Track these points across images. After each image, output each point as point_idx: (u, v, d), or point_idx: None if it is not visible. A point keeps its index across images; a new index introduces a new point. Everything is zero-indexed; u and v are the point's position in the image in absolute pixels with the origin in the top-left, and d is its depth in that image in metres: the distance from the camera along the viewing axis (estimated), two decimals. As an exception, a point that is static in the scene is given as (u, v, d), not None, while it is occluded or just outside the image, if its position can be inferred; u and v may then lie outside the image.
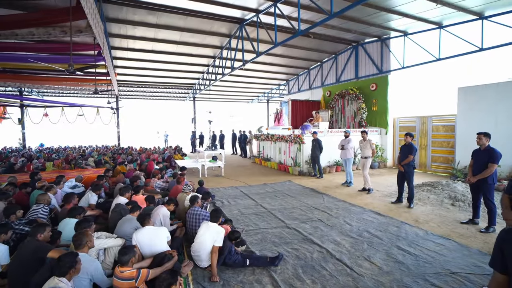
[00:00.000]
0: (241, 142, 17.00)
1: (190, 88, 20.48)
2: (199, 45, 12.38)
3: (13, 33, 6.32)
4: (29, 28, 6.45)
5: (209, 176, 10.46)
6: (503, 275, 1.30)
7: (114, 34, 10.81)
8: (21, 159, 11.77)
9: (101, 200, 5.56)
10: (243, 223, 5.24)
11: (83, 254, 2.60)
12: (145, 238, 3.25)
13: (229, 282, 3.22)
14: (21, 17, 5.89)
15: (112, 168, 8.79)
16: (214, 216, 3.63)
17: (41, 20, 6.14)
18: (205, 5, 8.93)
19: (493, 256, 1.37)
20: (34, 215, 4.27)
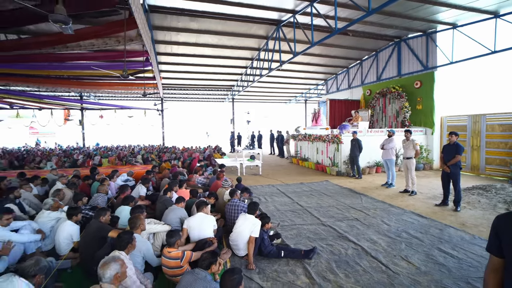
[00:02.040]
0: (279, 142, 17.15)
1: (229, 90, 21.13)
2: (238, 47, 12.80)
3: (78, 44, 7.21)
4: (90, 40, 7.33)
5: (247, 174, 10.77)
6: (499, 259, 1.38)
7: (159, 40, 11.65)
8: (81, 155, 13.21)
9: (149, 193, 6.12)
10: (279, 219, 5.40)
11: (137, 234, 2.98)
12: (196, 223, 3.60)
13: (264, 270, 3.41)
14: (86, 31, 6.70)
15: (158, 165, 9.52)
16: (251, 209, 3.86)
17: (100, 32, 6.93)
18: (243, 9, 9.28)
19: (489, 241, 1.43)
20: (95, 202, 4.89)
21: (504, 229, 1.35)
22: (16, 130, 28.05)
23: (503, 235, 1.35)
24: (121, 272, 2.09)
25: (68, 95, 19.09)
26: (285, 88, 21.30)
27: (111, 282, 2.02)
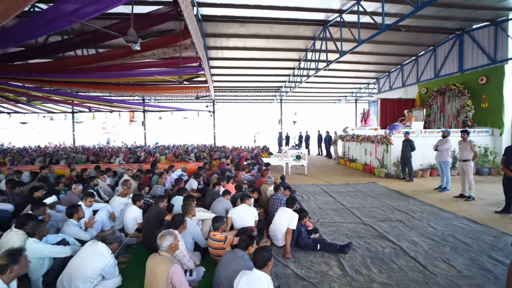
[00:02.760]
0: (326, 143, 16.95)
1: (277, 91, 21.48)
2: (285, 49, 13.07)
3: (142, 55, 8.23)
4: (152, 50, 8.30)
5: (292, 174, 10.97)
6: None
7: (211, 46, 12.51)
8: (143, 153, 14.80)
9: (200, 186, 6.76)
10: (320, 216, 5.55)
11: (188, 219, 3.48)
12: (239, 213, 4.04)
13: (300, 260, 3.66)
14: (149, 43, 7.64)
15: (209, 163, 10.28)
16: (290, 203, 4.13)
17: (160, 43, 7.83)
18: (289, 12, 9.54)
19: None
20: (154, 192, 5.65)
21: None
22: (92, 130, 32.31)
23: None
24: (175, 244, 2.55)
25: (133, 99, 21.41)
26: (334, 88, 20.89)
27: (167, 250, 2.50)
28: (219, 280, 2.67)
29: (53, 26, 4.96)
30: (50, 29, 5.51)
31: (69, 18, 4.35)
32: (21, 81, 10.19)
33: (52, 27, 5.10)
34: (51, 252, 3.01)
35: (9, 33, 5.17)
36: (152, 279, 2.44)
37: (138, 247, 4.09)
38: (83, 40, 7.43)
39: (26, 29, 4.99)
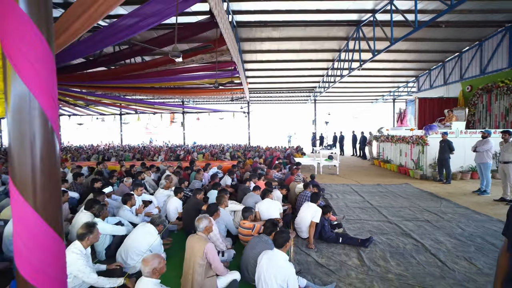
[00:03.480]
0: (361, 144, 16.69)
1: (312, 91, 21.49)
2: (318, 50, 13.19)
3: (182, 62, 9.00)
4: (191, 57, 9.04)
5: (324, 173, 11.11)
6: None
7: (246, 50, 13.05)
8: (183, 151, 15.86)
9: (233, 183, 7.28)
10: (346, 213, 5.74)
11: (222, 208, 3.97)
12: (264, 206, 4.44)
13: (322, 250, 3.96)
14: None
15: (243, 161, 10.83)
16: (314, 198, 4.44)
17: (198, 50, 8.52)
18: (322, 15, 9.72)
19: (505, 226, 1.64)
20: (193, 186, 6.27)
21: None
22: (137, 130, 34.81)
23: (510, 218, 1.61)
24: (209, 226, 3.03)
25: (173, 101, 22.84)
26: (370, 87, 20.38)
27: (203, 231, 2.99)
28: (246, 261, 3.11)
29: (114, 39, 5.76)
30: (111, 42, 6.37)
31: (127, 33, 5.09)
32: (79, 87, 11.61)
33: (113, 40, 5.92)
34: (112, 231, 3.68)
35: (77, 48, 6.11)
36: (191, 255, 2.94)
37: (178, 232, 4.69)
38: (133, 51, 8.37)
39: (92, 43, 5.86)
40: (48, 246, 1.22)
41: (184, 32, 7.29)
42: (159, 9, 4.75)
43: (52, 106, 1.26)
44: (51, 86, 1.26)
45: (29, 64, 1.19)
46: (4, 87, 1.22)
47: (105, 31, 5.40)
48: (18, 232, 1.19)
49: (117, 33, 5.30)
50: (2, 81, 1.47)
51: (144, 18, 4.93)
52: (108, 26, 5.48)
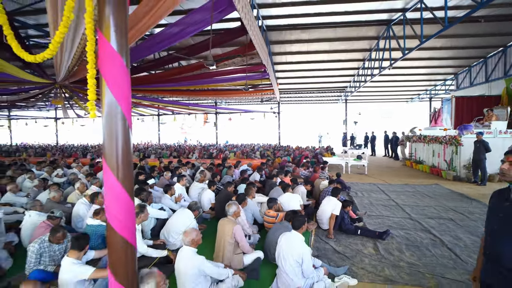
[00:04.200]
0: (392, 144, 16.33)
1: (342, 91, 21.33)
2: (348, 50, 13.22)
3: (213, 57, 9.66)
4: (223, 62, 9.67)
5: (352, 173, 11.19)
6: None
7: (275, 52, 13.47)
8: (215, 150, 16.70)
9: (262, 179, 7.76)
10: (369, 210, 5.95)
11: (249, 199, 4.46)
12: (285, 199, 4.86)
13: (340, 240, 4.29)
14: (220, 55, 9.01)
15: (272, 160, 11.29)
16: (334, 193, 4.78)
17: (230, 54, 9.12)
18: (351, 16, 9.84)
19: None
20: (224, 181, 6.84)
21: (490, 200, 1.94)
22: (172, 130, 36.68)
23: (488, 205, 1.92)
24: (237, 211, 3.53)
25: (206, 103, 23.90)
26: (404, 86, 19.74)
27: (232, 215, 3.50)
28: (269, 243, 3.56)
29: (160, 46, 6.50)
30: (157, 49, 7.15)
31: (171, 40, 5.79)
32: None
33: (159, 47, 6.67)
34: (156, 214, 4.33)
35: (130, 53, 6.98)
36: (222, 235, 3.46)
37: (211, 220, 5.26)
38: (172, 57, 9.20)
39: (142, 49, 6.65)
40: (125, 205, 1.78)
41: (218, 39, 7.91)
42: (196, 20, 5.35)
43: (128, 110, 1.82)
44: (128, 96, 1.82)
45: (115, 82, 1.75)
46: (101, 99, 1.79)
47: (153, 39, 6.12)
48: (108, 195, 1.76)
49: (163, 41, 5.99)
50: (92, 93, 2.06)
51: (185, 28, 5.58)
52: (155, 34, 6.21)
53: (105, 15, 1.70)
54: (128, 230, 1.81)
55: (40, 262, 3.10)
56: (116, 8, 1.72)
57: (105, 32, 1.73)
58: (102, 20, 1.71)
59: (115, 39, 1.74)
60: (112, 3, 1.70)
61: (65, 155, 16.05)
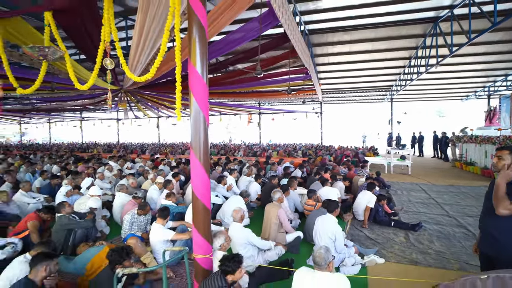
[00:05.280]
0: (441, 145, 15.61)
1: (388, 90, 20.75)
2: (392, 49, 13.06)
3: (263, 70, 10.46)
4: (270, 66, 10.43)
5: (394, 173, 11.16)
6: None
7: (317, 54, 13.83)
8: (259, 149, 17.57)
9: (303, 175, 8.35)
10: (406, 206, 6.19)
11: (291, 190, 5.11)
12: (324, 192, 5.42)
13: (374, 230, 4.73)
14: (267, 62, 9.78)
15: (313, 158, 11.76)
16: (369, 187, 5.20)
17: (275, 60, 9.85)
18: (394, 16, 9.90)
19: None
20: (269, 175, 7.57)
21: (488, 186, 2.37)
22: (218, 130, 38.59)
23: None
24: (281, 197, 4.22)
25: (250, 104, 24.93)
26: (457, 83, 18.55)
27: (277, 201, 4.19)
28: (308, 225, 4.18)
29: (220, 52, 7.43)
30: (217, 54, 8.12)
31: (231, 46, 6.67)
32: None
33: (219, 53, 7.62)
34: (213, 200, 5.20)
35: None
36: (268, 217, 4.17)
37: (258, 209, 6.02)
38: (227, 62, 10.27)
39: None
40: (204, 180, 2.59)
41: (264, 47, 8.67)
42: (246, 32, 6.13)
43: (207, 115, 2.63)
44: (206, 105, 2.63)
45: (198, 95, 2.57)
46: (189, 106, 2.62)
47: (216, 45, 7.03)
48: (193, 173, 2.59)
49: (220, 48, 6.90)
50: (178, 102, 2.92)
51: (237, 39, 6.41)
52: (218, 40, 7.08)
53: (195, 49, 2.54)
54: (205, 198, 2.63)
55: (132, 229, 4.12)
56: (201, 44, 2.55)
57: (193, 60, 2.58)
58: (192, 52, 2.54)
59: (199, 65, 2.58)
60: (199, 41, 2.52)
61: (128, 151, 18.22)
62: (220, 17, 4.48)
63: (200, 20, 2.53)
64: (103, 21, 3.27)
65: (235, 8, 4.23)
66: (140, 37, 4.57)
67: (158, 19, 3.81)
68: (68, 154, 14.53)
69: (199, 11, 2.51)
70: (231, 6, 4.19)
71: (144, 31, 4.34)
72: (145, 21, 4.00)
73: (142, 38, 4.61)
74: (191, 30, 2.56)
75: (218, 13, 4.36)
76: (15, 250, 3.24)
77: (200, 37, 2.54)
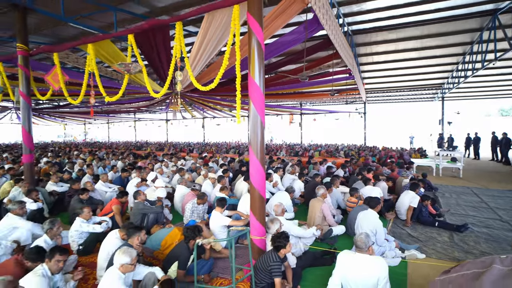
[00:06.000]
0: (502, 147, 14.38)
1: (439, 88, 19.57)
2: (443, 46, 12.46)
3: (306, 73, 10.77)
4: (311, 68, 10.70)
5: (444, 175, 10.69)
6: None
7: (361, 54, 13.68)
8: (301, 149, 17.81)
9: (346, 175, 8.51)
10: (454, 209, 6.09)
11: (334, 188, 5.42)
12: (366, 191, 5.62)
13: (416, 228, 4.84)
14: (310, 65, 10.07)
15: (356, 159, 11.75)
16: (412, 188, 5.30)
17: (318, 63, 10.10)
18: (445, 12, 9.52)
19: None
20: (311, 174, 7.90)
21: None
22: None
23: None
24: (325, 193, 4.58)
25: (292, 104, 25.18)
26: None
27: (320, 196, 4.55)
28: (350, 220, 4.48)
29: (268, 57, 7.95)
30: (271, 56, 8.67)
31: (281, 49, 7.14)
32: (227, 96, 15.15)
33: (267, 57, 8.15)
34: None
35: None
36: (312, 211, 4.55)
37: (301, 205, 6.41)
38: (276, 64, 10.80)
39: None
40: (260, 173, 3.09)
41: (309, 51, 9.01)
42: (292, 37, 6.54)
43: (263, 119, 3.12)
44: (263, 110, 3.12)
45: (256, 102, 3.07)
46: (248, 111, 3.13)
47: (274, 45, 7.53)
48: (252, 167, 3.11)
49: (271, 52, 7.40)
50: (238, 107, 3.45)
51: (284, 44, 6.85)
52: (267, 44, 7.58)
53: (254, 64, 3.05)
54: (261, 188, 3.12)
55: (192, 216, 4.79)
56: (259, 61, 3.05)
57: (252, 74, 3.09)
58: (251, 67, 3.06)
59: (257, 78, 3.08)
60: (257, 58, 3.02)
61: (177, 150, 19.69)
62: (272, 23, 4.92)
63: (259, 39, 3.03)
64: (175, 40, 3.95)
65: (287, 13, 4.63)
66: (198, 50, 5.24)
67: (217, 36, 4.40)
68: (128, 152, 16.23)
69: (258, 32, 3.01)
70: (284, 12, 4.59)
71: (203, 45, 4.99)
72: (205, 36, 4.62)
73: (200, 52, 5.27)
74: (251, 48, 3.08)
75: (271, 19, 4.81)
76: (108, 226, 4.07)
77: (259, 55, 3.04)
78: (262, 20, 3.16)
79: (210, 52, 5.36)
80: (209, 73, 7.45)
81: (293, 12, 4.67)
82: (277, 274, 2.66)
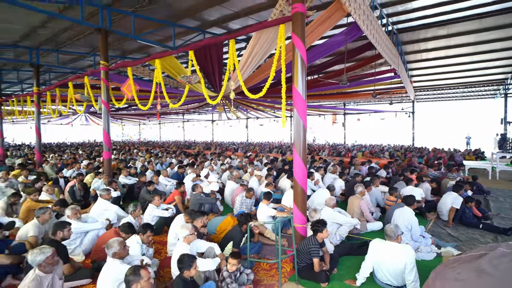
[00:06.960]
0: None
1: (501, 84, 17.93)
2: (503, 39, 11.57)
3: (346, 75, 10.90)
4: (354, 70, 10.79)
5: (502, 179, 10.03)
6: None
7: (408, 52, 13.23)
8: (344, 149, 17.71)
9: (388, 176, 8.54)
10: (506, 213, 5.89)
11: (373, 187, 5.66)
12: (407, 191, 5.73)
13: (458, 229, 4.90)
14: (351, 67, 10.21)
15: (401, 160, 11.52)
16: (455, 189, 5.32)
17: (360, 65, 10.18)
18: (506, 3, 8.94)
19: None
20: (352, 173, 8.11)
21: None
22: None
23: None
24: (363, 191, 4.89)
25: (335, 104, 24.94)
26: None
27: (359, 194, 4.88)
28: (387, 216, 4.72)
29: (311, 60, 8.34)
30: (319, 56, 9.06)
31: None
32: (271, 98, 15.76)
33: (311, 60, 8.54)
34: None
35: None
36: (351, 207, 4.90)
37: (342, 203, 6.71)
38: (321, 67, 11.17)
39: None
40: (302, 170, 3.58)
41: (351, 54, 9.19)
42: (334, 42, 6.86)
43: (305, 122, 3.61)
44: (305, 114, 3.61)
45: (299, 107, 3.58)
46: (293, 116, 3.65)
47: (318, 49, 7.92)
48: (295, 165, 3.62)
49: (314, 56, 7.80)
50: (283, 111, 3.97)
51: (327, 48, 7.19)
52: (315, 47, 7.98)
53: (297, 76, 3.54)
54: (303, 183, 3.61)
55: (241, 207, 5.43)
56: (302, 73, 3.54)
57: (296, 84, 3.59)
58: (295, 78, 3.56)
59: (300, 87, 3.58)
60: (300, 70, 3.52)
61: (223, 149, 20.86)
62: (315, 30, 5.31)
63: (301, 55, 3.53)
64: (229, 55, 4.62)
65: (329, 22, 5.02)
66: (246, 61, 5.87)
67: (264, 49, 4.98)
68: (179, 151, 17.73)
69: (300, 49, 3.51)
70: (326, 21, 4.98)
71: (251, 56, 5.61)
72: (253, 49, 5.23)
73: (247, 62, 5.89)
74: (295, 61, 3.59)
75: (313, 27, 5.22)
76: (173, 212, 4.89)
77: (301, 68, 3.54)
78: (305, 36, 3.65)
79: (257, 62, 5.96)
80: (255, 76, 8.06)
81: (334, 21, 5.06)
82: (315, 255, 3.13)
